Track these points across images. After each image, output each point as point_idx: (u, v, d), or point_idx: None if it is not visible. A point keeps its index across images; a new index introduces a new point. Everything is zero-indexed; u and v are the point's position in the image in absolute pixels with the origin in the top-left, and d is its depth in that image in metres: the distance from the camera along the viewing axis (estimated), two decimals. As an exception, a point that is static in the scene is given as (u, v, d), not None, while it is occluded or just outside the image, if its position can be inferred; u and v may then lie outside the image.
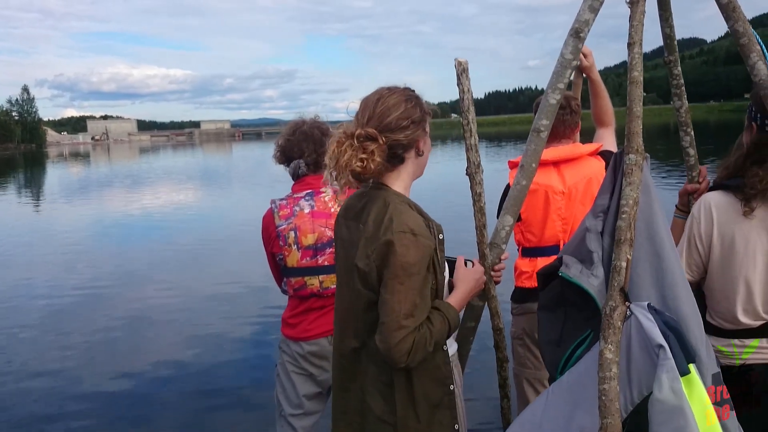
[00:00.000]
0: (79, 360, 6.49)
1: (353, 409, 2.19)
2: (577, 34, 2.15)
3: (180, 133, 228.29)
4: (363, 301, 2.07)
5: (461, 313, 2.23)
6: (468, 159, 2.25)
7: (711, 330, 2.25)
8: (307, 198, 3.06)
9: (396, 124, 2.03)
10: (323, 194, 3.06)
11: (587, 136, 3.49)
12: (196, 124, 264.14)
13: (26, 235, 15.51)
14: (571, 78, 3.41)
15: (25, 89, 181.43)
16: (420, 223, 2.02)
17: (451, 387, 2.13)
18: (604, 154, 3.28)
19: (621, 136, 3.21)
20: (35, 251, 13.09)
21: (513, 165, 3.36)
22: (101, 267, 11.08)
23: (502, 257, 2.33)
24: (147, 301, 8.64)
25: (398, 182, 2.12)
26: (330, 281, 2.98)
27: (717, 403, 1.81)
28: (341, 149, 2.01)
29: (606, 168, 3.20)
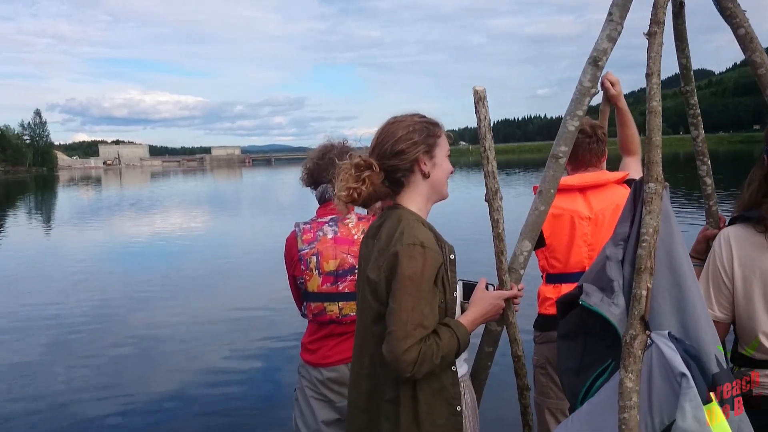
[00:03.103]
0: (86, 384, 6.48)
1: (366, 430, 2.21)
2: (596, 62, 2.17)
3: (191, 158, 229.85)
4: (372, 314, 2.12)
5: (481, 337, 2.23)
6: (486, 186, 2.26)
7: (743, 360, 2.24)
8: (331, 223, 3.06)
9: (391, 151, 2.15)
10: (348, 220, 3.06)
11: (614, 164, 3.49)
12: (206, 150, 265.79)
13: (36, 259, 15.57)
14: (600, 107, 3.42)
15: (38, 113, 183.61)
16: (430, 237, 2.09)
17: (458, 408, 2.14)
18: (631, 183, 3.27)
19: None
20: (44, 275, 13.12)
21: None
22: (110, 291, 11.11)
23: (519, 287, 2.32)
24: (157, 326, 8.63)
25: (412, 203, 2.20)
26: (350, 308, 2.97)
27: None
28: (341, 177, 2.16)
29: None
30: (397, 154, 2.14)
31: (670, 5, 2.12)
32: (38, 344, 7.97)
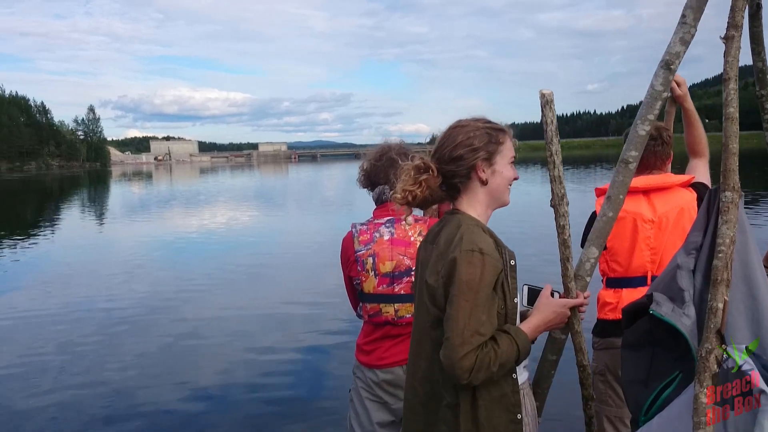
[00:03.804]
0: (135, 373, 6.62)
1: None
2: (668, 66, 2.11)
3: (239, 154, 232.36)
4: (430, 318, 2.11)
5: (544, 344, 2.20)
6: (552, 191, 2.22)
7: None
8: (387, 225, 3.05)
9: (449, 156, 2.14)
10: (404, 222, 3.04)
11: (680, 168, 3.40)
12: (254, 146, 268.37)
13: (89, 251, 15.99)
14: (665, 108, 3.33)
15: (91, 109, 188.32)
16: (490, 243, 2.06)
17: (519, 416, 2.10)
18: (697, 186, 3.18)
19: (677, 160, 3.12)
20: (97, 266, 13.43)
21: (600, 193, 3.31)
22: (160, 283, 11.34)
23: (585, 295, 2.28)
24: (206, 318, 8.76)
25: (471, 209, 2.19)
26: (405, 310, 2.96)
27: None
28: (401, 178, 2.17)
29: (698, 200, 3.11)
30: (455, 160, 2.13)
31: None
32: (90, 333, 8.16)
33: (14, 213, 30.79)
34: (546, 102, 2.16)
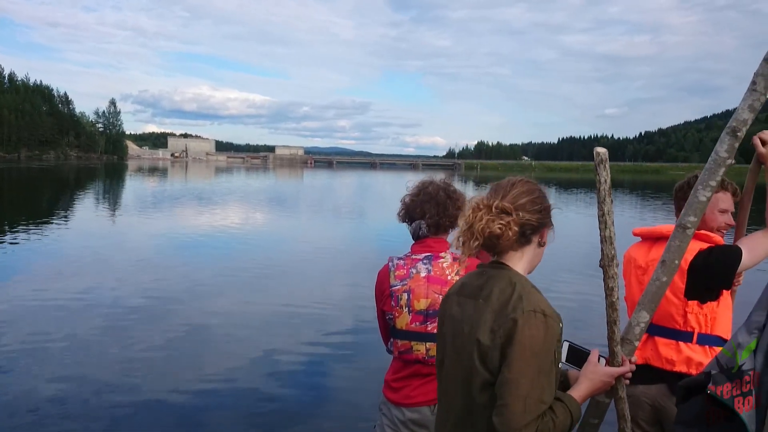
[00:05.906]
0: (140, 367, 6.65)
1: None
2: (734, 133, 2.05)
3: (255, 156, 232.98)
4: (479, 380, 1.97)
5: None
6: (602, 251, 2.14)
7: None
8: (425, 261, 2.99)
9: (530, 206, 2.03)
10: (442, 260, 2.98)
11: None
12: (270, 149, 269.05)
13: (99, 244, 15.99)
14: (750, 165, 3.14)
15: (113, 102, 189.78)
16: (549, 305, 1.96)
17: None
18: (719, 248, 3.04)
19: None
20: (106, 260, 13.44)
21: (637, 234, 3.35)
22: (168, 280, 11.36)
23: (631, 360, 2.21)
24: (212, 318, 8.78)
25: (520, 265, 2.07)
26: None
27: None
28: (477, 215, 1.99)
29: (703, 256, 3.03)
30: (535, 212, 2.04)
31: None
32: (96, 324, 8.21)
33: (32, 203, 30.99)
34: (600, 161, 2.09)
